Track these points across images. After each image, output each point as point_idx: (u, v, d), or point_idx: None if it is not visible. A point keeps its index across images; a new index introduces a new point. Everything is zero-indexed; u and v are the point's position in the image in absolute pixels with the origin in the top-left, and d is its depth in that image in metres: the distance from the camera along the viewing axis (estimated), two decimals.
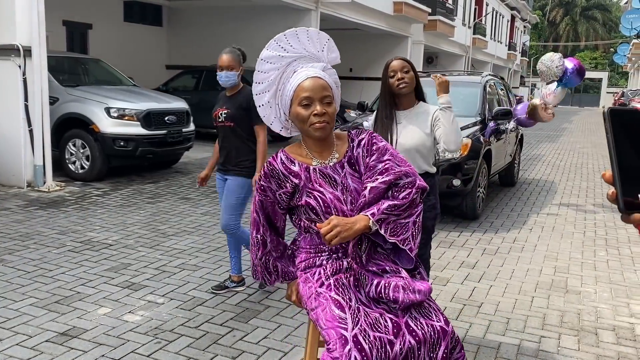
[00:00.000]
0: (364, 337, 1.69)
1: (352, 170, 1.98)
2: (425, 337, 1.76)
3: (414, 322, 1.78)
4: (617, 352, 3.23)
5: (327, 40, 2.04)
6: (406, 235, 1.92)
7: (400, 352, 1.70)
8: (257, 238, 2.04)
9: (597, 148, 14.81)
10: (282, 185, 1.95)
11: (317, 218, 1.90)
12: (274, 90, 2.00)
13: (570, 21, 61.79)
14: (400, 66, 2.97)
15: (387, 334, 1.72)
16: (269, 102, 2.02)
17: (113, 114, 7.40)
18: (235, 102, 3.74)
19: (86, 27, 13.31)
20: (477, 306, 3.85)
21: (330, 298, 1.82)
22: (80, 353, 2.99)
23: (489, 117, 6.87)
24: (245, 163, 3.74)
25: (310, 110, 1.87)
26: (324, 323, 1.77)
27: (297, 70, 1.96)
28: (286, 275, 2.10)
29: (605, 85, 56.42)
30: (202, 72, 12.76)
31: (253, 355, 3.04)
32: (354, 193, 1.93)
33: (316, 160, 1.96)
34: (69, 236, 5.07)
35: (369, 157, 1.98)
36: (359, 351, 1.65)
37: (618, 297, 4.11)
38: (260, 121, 3.51)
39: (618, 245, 5.48)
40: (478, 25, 29.92)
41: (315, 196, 1.90)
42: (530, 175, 9.82)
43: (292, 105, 1.93)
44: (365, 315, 1.76)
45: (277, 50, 1.97)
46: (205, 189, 7.38)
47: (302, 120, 1.90)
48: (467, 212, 6.22)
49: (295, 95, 1.91)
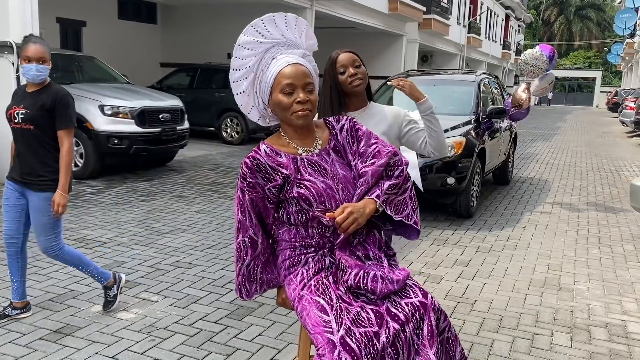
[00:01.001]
0: (350, 336, 1.68)
1: (338, 157, 1.96)
2: (408, 317, 1.76)
3: (394, 307, 1.78)
4: (609, 349, 3.25)
5: (305, 27, 1.97)
6: (408, 210, 1.96)
7: (387, 341, 1.70)
8: (245, 241, 1.90)
9: (591, 147, 14.88)
10: (270, 179, 1.86)
11: (309, 209, 1.85)
12: (252, 78, 1.92)
13: (564, 20, 61.99)
14: (351, 60, 2.53)
15: (371, 326, 1.71)
16: (246, 90, 1.94)
17: (107, 112, 7.37)
18: (38, 100, 3.14)
19: (80, 24, 13.26)
20: (471, 304, 3.86)
21: (312, 301, 1.80)
22: (74, 351, 2.99)
23: (483, 115, 6.89)
24: (52, 175, 3.15)
25: (292, 98, 1.83)
26: (310, 328, 1.76)
27: (276, 57, 1.89)
28: (269, 283, 1.99)
29: (599, 85, 56.64)
30: (196, 70, 12.75)
31: (247, 353, 3.04)
32: (343, 181, 1.91)
33: (301, 149, 1.91)
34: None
35: (357, 143, 1.97)
36: (348, 352, 1.65)
37: (610, 294, 4.14)
38: (66, 125, 3.09)
39: (611, 243, 5.51)
40: (473, 24, 29.98)
41: (307, 186, 1.85)
42: (524, 173, 9.85)
43: (272, 93, 1.87)
44: (347, 312, 1.75)
45: (254, 36, 1.89)
46: (200, 187, 7.38)
47: (284, 108, 1.85)
48: (461, 210, 6.24)
49: (276, 82, 1.85)
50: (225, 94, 12.01)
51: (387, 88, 7.43)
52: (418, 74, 8.55)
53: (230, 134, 12.02)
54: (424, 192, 5.85)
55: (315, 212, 1.86)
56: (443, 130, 2.82)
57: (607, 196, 7.96)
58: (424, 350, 1.76)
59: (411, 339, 1.75)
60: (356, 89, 2.52)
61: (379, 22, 17.23)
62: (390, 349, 1.70)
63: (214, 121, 12.11)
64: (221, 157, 10.09)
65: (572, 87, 60.80)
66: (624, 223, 6.37)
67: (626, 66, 46.48)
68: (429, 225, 5.96)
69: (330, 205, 1.87)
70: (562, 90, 60.90)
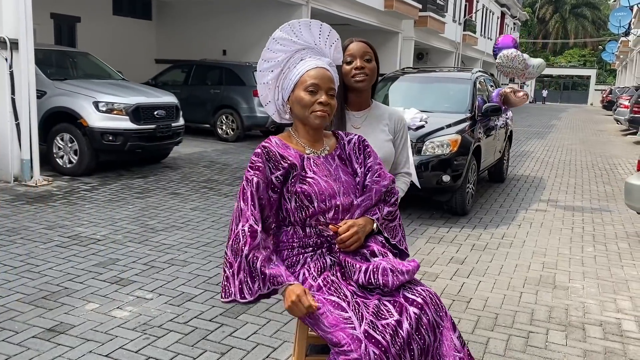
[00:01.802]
0: (373, 329, 1.69)
1: (343, 165, 2.01)
2: (426, 301, 1.79)
3: (410, 293, 1.81)
4: (604, 347, 3.25)
5: (336, 40, 2.05)
6: (399, 236, 2.07)
7: (411, 327, 1.72)
8: (244, 230, 1.79)
9: (585, 145, 14.92)
10: (278, 167, 1.88)
11: (310, 206, 1.87)
12: (278, 72, 1.99)
13: (559, 18, 62.11)
14: (361, 51, 2.27)
15: (392, 316, 1.72)
16: (270, 82, 2.00)
17: (102, 108, 7.33)
18: None
19: (74, 20, 13.18)
20: (466, 302, 3.86)
21: (325, 301, 1.78)
22: (68, 349, 2.97)
23: (478, 113, 6.89)
24: None
25: (315, 98, 1.90)
26: (327, 327, 1.73)
27: (304, 59, 1.96)
28: (274, 280, 1.78)
29: (594, 83, 56.87)
30: (192, 66, 12.70)
31: (242, 351, 3.03)
32: (345, 185, 1.95)
33: (309, 149, 1.96)
34: (56, 231, 5.02)
35: (365, 157, 2.04)
36: (375, 345, 1.66)
37: (605, 292, 4.15)
38: None
39: (605, 241, 5.53)
40: (468, 22, 29.99)
41: (310, 183, 1.88)
42: (519, 171, 9.87)
43: (295, 90, 1.93)
44: (365, 307, 1.76)
45: (289, 34, 1.96)
46: (195, 184, 7.35)
47: (304, 106, 1.91)
48: (456, 208, 6.24)
49: (301, 80, 1.92)
50: (221, 91, 11.99)
51: (383, 86, 7.42)
52: (414, 72, 8.54)
53: (226, 130, 11.98)
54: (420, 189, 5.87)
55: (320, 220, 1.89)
56: (439, 128, 2.77)
57: (601, 194, 7.99)
58: (447, 332, 1.79)
59: (434, 322, 1.78)
60: (358, 84, 2.28)
61: (374, 19, 17.21)
62: (415, 335, 1.71)
63: (209, 118, 12.07)
64: (216, 154, 10.06)
65: (567, 85, 60.99)
66: (619, 221, 6.39)
67: (620, 64, 46.65)
68: (424, 223, 5.96)
69: (330, 205, 1.89)
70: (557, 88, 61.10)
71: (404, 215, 6.20)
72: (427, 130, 6.06)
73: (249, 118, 11.68)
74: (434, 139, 5.98)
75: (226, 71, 12.11)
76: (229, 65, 12.30)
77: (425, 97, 7.29)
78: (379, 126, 2.38)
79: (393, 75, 7.95)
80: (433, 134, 6.03)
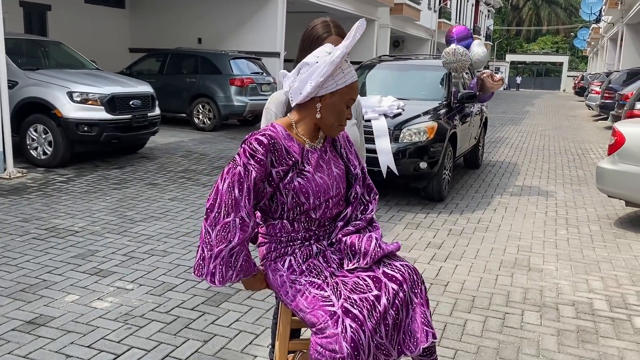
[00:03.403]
0: (350, 303, 1.74)
1: (334, 156, 2.01)
2: (405, 277, 1.84)
3: (389, 269, 1.86)
4: (576, 326, 3.37)
5: None
6: None
7: (388, 302, 1.77)
8: (236, 222, 1.76)
9: (558, 130, 15.19)
10: (281, 162, 1.83)
11: (306, 203, 1.87)
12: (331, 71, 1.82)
13: (532, 6, 62.78)
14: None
15: (371, 291, 1.78)
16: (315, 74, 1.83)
17: (76, 99, 7.22)
18: None
19: (44, 8, 12.88)
20: (444, 285, 3.94)
21: (306, 282, 1.84)
22: (49, 341, 2.96)
23: (454, 100, 6.97)
24: None
25: (348, 111, 1.90)
26: (306, 307, 1.78)
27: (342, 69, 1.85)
28: (246, 271, 1.84)
29: (566, 69, 57.75)
30: (166, 55, 12.55)
31: (225, 339, 3.06)
32: (336, 179, 1.96)
33: (308, 143, 1.93)
34: (32, 223, 4.96)
35: (352, 149, 2.08)
36: (352, 319, 1.71)
37: (578, 273, 4.28)
38: None
39: (578, 224, 5.68)
40: (443, 10, 30.13)
41: (308, 178, 1.87)
42: (494, 157, 10.03)
43: (334, 94, 1.84)
44: (344, 285, 1.81)
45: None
46: (172, 174, 7.31)
47: (338, 116, 1.87)
48: (433, 194, 6.34)
49: (346, 89, 1.85)
50: (197, 80, 11.88)
51: (360, 74, 7.45)
52: (390, 60, 8.59)
53: (202, 120, 11.89)
54: (398, 176, 5.94)
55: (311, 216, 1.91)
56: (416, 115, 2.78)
57: (574, 178, 8.17)
58: (419, 308, 1.84)
59: (409, 297, 1.83)
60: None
61: (350, 7, 17.18)
62: (391, 310, 1.77)
63: (185, 107, 11.96)
64: (193, 144, 9.99)
65: (540, 71, 61.86)
66: (591, 204, 6.56)
67: (592, 51, 47.40)
68: (402, 209, 6.04)
69: (322, 200, 1.90)
70: (531, 74, 61.91)
71: (383, 202, 6.28)
72: (404, 117, 6.14)
73: (225, 107, 11.61)
74: (411, 127, 6.04)
75: (202, 60, 12.00)
76: (205, 53, 12.18)
77: (402, 85, 7.35)
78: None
79: (370, 63, 7.98)
80: (410, 122, 6.09)
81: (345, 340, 1.67)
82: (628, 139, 5.38)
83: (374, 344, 1.72)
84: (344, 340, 1.68)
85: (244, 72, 11.85)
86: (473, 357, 2.97)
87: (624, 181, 5.43)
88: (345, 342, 1.67)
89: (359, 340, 1.69)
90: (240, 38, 13.99)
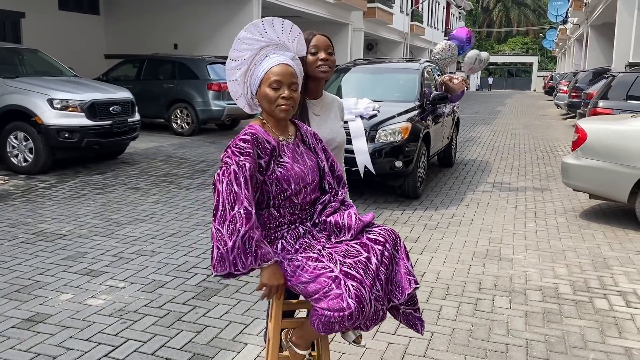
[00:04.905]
0: (348, 267, 1.99)
1: (305, 148, 2.26)
2: (386, 238, 2.10)
3: (372, 234, 2.12)
4: (542, 309, 3.64)
5: (298, 34, 2.25)
6: None
7: (378, 261, 2.03)
8: (240, 213, 1.95)
9: (528, 129, 15.66)
10: (264, 152, 2.08)
11: (288, 189, 2.11)
12: (245, 69, 2.18)
13: (502, 7, 64.04)
14: (325, 45, 2.46)
15: (361, 254, 2.04)
16: (239, 79, 2.20)
17: (56, 105, 7.30)
18: None
19: (18, 15, 12.84)
20: (420, 275, 4.19)
21: (304, 257, 2.07)
22: (48, 336, 3.11)
23: (427, 102, 7.25)
24: None
25: (278, 93, 2.10)
26: (308, 278, 2.01)
27: (269, 55, 2.16)
28: (264, 257, 1.99)
29: (536, 69, 59.00)
30: (143, 61, 12.62)
31: (216, 329, 3.25)
32: (311, 168, 2.21)
33: (281, 137, 2.19)
34: (19, 228, 5.06)
35: (320, 145, 2.30)
36: (352, 279, 1.96)
37: (545, 262, 4.56)
38: None
39: (545, 217, 5.99)
40: (415, 12, 30.62)
41: (287, 167, 2.12)
42: (467, 156, 10.36)
43: (261, 86, 2.13)
44: (337, 254, 2.06)
45: (253, 34, 2.15)
46: (154, 178, 7.43)
47: (269, 101, 2.11)
48: (409, 191, 6.60)
49: (265, 77, 2.12)
50: (174, 85, 11.98)
51: (336, 77, 7.69)
52: (365, 63, 8.84)
53: (181, 125, 12.00)
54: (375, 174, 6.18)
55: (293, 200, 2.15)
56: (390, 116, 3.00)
57: (542, 174, 8.53)
58: (401, 262, 2.11)
59: (392, 254, 2.09)
60: (322, 75, 2.45)
61: (324, 11, 17.45)
62: (381, 267, 2.03)
63: (163, 112, 12.05)
64: (173, 149, 10.10)
65: (511, 72, 63.06)
66: (558, 198, 6.89)
67: (560, 51, 48.60)
68: (379, 206, 6.28)
69: (301, 186, 2.15)
70: (502, 75, 63.05)
71: (361, 200, 6.51)
72: (379, 119, 6.38)
73: (203, 112, 11.74)
74: (386, 127, 6.30)
75: (179, 65, 12.11)
76: (182, 59, 12.30)
77: (377, 87, 7.60)
78: (332, 113, 2.60)
79: (345, 67, 8.23)
80: (385, 123, 6.34)
81: (351, 297, 1.92)
82: (590, 136, 5.71)
83: (373, 297, 1.97)
84: (350, 297, 1.92)
85: (222, 76, 11.97)
86: (448, 339, 3.21)
87: (587, 175, 5.76)
88: (351, 298, 1.92)
89: (362, 295, 1.94)
90: (216, 43, 14.13)
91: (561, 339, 3.22)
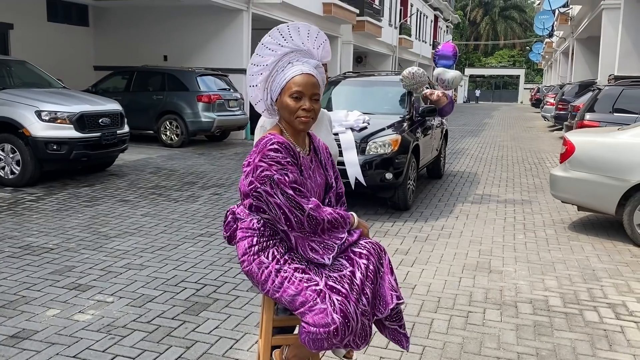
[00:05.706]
0: (333, 281, 1.99)
1: (317, 165, 2.25)
2: (370, 251, 2.10)
3: (357, 247, 2.13)
4: (533, 321, 3.64)
5: (324, 41, 2.19)
6: None
7: (362, 275, 2.03)
8: (312, 208, 2.03)
9: (516, 141, 15.79)
10: (294, 161, 2.06)
11: None
12: (267, 75, 2.12)
13: (489, 21, 64.75)
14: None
15: (346, 268, 2.04)
16: (259, 84, 2.14)
17: (44, 117, 7.24)
18: None
19: (6, 27, 12.75)
20: (411, 288, 4.18)
21: (291, 269, 2.06)
22: (34, 353, 3.05)
23: (416, 114, 7.29)
24: None
25: (299, 104, 2.05)
26: (294, 290, 2.00)
27: (292, 62, 2.10)
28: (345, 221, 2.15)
29: (523, 82, 59.63)
30: (132, 72, 12.59)
31: (206, 344, 3.21)
32: (316, 186, 2.21)
33: (298, 147, 2.16)
34: (5, 242, 4.99)
35: (329, 160, 2.31)
36: (336, 293, 1.96)
37: (535, 274, 4.58)
38: None
39: (534, 229, 6.02)
40: (404, 26, 30.89)
41: (304, 176, 2.12)
42: (456, 167, 10.41)
43: (281, 95, 2.08)
44: (323, 267, 2.07)
45: (278, 39, 2.10)
46: (143, 191, 7.38)
47: (290, 112, 2.07)
48: (399, 203, 6.61)
49: (287, 86, 2.07)
50: (164, 97, 11.96)
51: (327, 90, 7.71)
52: (354, 76, 8.89)
53: (170, 136, 11.96)
54: (366, 186, 6.18)
55: None
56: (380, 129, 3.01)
57: (530, 186, 8.59)
58: (386, 276, 2.11)
59: (377, 267, 2.09)
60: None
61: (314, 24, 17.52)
62: (367, 282, 2.03)
63: (152, 124, 12.01)
64: (162, 160, 10.05)
65: (498, 84, 63.65)
66: (546, 210, 6.94)
67: (546, 64, 49.18)
68: (370, 218, 6.28)
69: None
70: (489, 87, 63.66)
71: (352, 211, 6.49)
72: (369, 131, 6.41)
73: (193, 123, 11.71)
74: (376, 140, 6.32)
75: (169, 77, 12.10)
76: (172, 71, 12.28)
77: (366, 100, 7.64)
78: (324, 127, 2.67)
79: (335, 80, 8.26)
80: (375, 135, 6.37)
81: (336, 312, 1.91)
82: (578, 148, 5.76)
83: (359, 311, 1.97)
84: (334, 312, 1.91)
85: (211, 88, 12.00)
86: (439, 353, 3.19)
87: (575, 187, 5.81)
88: (336, 313, 1.91)
89: (347, 310, 1.93)
90: (206, 55, 14.13)
91: (552, 352, 3.22)
